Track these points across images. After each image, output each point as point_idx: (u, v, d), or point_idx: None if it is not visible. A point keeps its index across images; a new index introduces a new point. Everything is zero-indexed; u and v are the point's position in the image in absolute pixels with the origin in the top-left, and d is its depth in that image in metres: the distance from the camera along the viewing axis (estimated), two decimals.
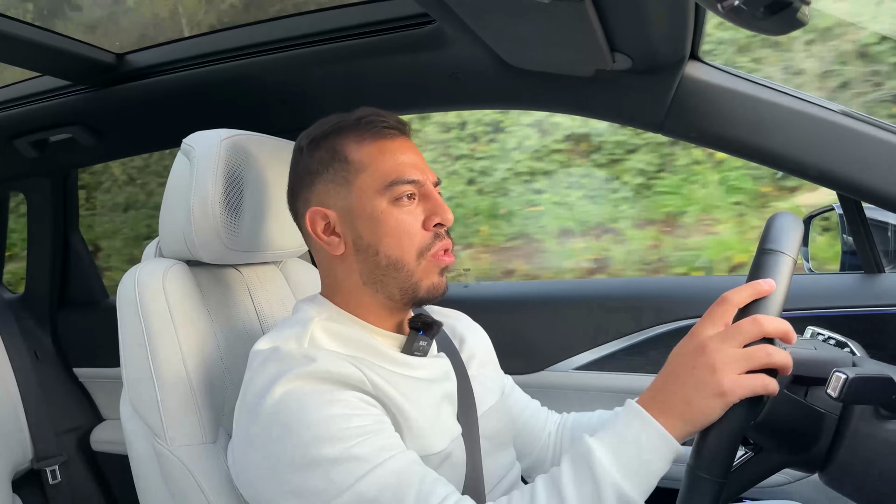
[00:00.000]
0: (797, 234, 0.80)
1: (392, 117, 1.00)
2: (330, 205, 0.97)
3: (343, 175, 0.96)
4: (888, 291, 1.30)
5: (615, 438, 0.77)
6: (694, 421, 0.73)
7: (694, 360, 0.74)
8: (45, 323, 1.96)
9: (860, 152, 1.10)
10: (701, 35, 1.09)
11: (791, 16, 0.57)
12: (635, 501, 0.74)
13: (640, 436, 0.75)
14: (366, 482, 0.77)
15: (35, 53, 1.31)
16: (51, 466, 1.65)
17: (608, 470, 0.74)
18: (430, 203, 0.96)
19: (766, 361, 0.71)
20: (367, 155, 0.96)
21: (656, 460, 0.75)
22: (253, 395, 0.86)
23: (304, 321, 0.95)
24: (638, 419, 0.76)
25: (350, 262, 0.97)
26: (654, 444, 0.75)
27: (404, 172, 0.95)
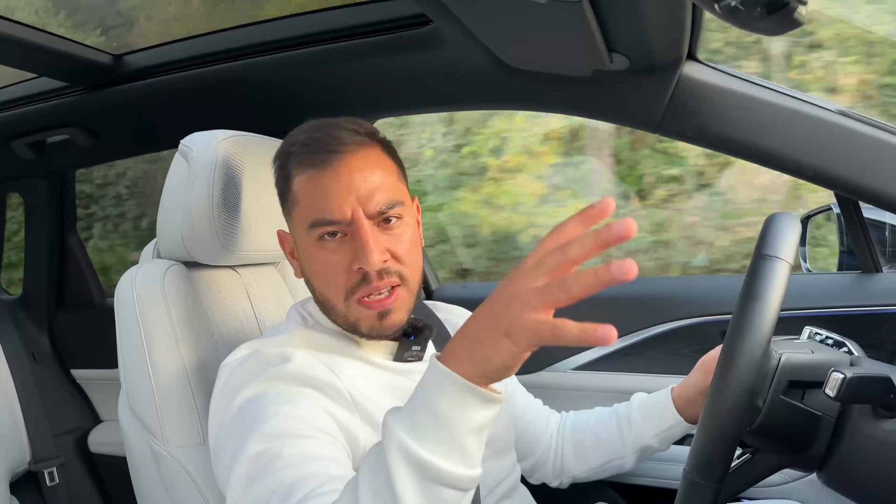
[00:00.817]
0: (794, 235, 0.80)
1: (335, 138, 0.90)
2: (288, 229, 0.98)
3: (288, 205, 0.94)
4: (886, 291, 1.31)
5: (410, 398, 0.64)
6: (481, 363, 0.59)
7: (498, 292, 0.60)
8: (43, 324, 1.96)
9: (857, 152, 1.10)
10: (698, 35, 1.09)
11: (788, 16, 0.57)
12: (424, 458, 0.60)
13: (428, 384, 0.62)
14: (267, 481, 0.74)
15: (32, 55, 1.30)
16: (48, 468, 1.64)
17: (393, 430, 0.62)
18: (355, 242, 0.87)
19: (560, 293, 0.56)
20: (301, 186, 0.91)
21: (447, 406, 0.60)
22: (228, 393, 0.86)
23: (291, 329, 0.96)
24: (430, 368, 0.63)
25: (308, 284, 0.96)
26: (441, 387, 0.60)
27: (323, 211, 0.88)
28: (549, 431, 1.21)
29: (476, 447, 0.62)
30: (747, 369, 0.76)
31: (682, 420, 1.10)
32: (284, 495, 0.70)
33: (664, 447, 1.14)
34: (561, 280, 0.55)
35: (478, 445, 0.63)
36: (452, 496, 0.62)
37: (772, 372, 0.83)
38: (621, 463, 1.15)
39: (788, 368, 0.83)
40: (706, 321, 1.42)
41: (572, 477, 1.20)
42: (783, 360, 0.83)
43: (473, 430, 0.61)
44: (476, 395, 0.60)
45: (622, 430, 1.15)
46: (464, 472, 0.61)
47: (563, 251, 0.56)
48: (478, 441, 0.62)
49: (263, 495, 0.72)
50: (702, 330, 1.42)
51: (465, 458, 0.61)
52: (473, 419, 0.61)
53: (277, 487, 0.71)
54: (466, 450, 0.61)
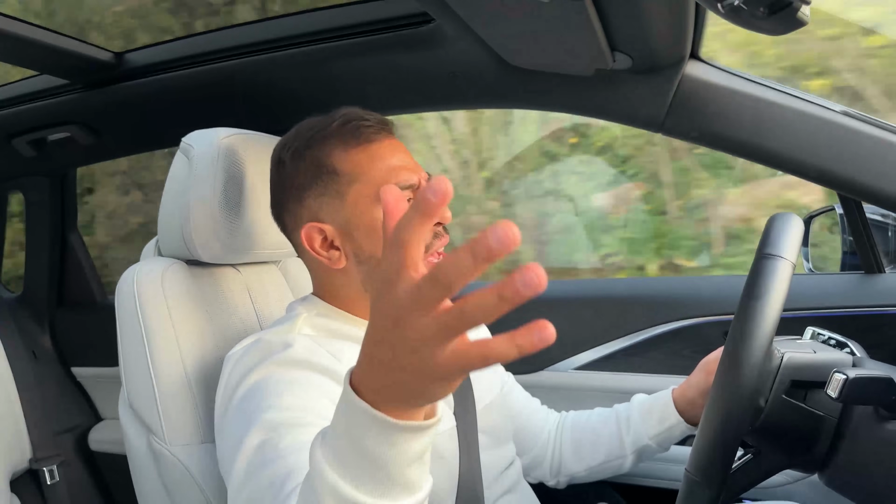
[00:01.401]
0: (797, 235, 0.80)
1: (375, 117, 0.96)
2: (324, 219, 0.94)
3: (335, 188, 0.93)
4: (888, 291, 1.30)
5: (332, 429, 0.55)
6: (408, 402, 0.50)
7: (391, 335, 0.46)
8: (44, 322, 1.96)
9: (860, 152, 1.10)
10: (701, 35, 1.09)
11: (791, 15, 0.57)
12: (358, 501, 0.52)
13: (350, 422, 0.52)
14: (265, 472, 0.73)
15: (33, 52, 1.30)
16: (49, 466, 1.64)
17: (324, 472, 0.53)
18: None
19: (462, 326, 0.44)
20: (356, 164, 0.93)
21: (376, 446, 0.51)
22: (232, 383, 0.87)
23: (293, 318, 0.96)
24: (346, 400, 0.52)
25: (351, 273, 0.96)
26: (365, 427, 0.51)
27: (400, 178, 0.92)
28: (546, 429, 1.21)
29: (418, 474, 0.54)
30: (749, 369, 0.76)
31: (682, 421, 1.09)
32: (280, 487, 0.70)
33: (663, 448, 1.14)
34: (458, 314, 0.43)
35: (420, 471, 0.55)
36: None
37: (774, 371, 0.83)
38: (620, 463, 1.15)
39: (791, 368, 0.83)
40: (708, 321, 1.42)
41: (570, 476, 1.20)
42: (785, 359, 0.83)
43: (411, 461, 0.53)
44: (406, 430, 0.51)
45: (621, 430, 1.14)
46: (409, 500, 0.54)
47: (433, 281, 0.43)
48: (419, 467, 0.54)
49: (262, 486, 0.72)
50: (703, 330, 1.42)
51: (408, 489, 0.54)
52: (409, 452, 0.52)
53: (274, 479, 0.71)
54: (408, 481, 0.53)
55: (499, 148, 2.93)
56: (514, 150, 2.89)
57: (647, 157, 2.73)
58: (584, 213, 2.88)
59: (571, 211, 2.88)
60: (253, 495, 0.73)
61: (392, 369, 0.48)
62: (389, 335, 0.46)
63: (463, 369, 0.46)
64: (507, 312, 0.43)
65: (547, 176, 2.88)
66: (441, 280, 0.42)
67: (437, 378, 0.47)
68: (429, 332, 0.44)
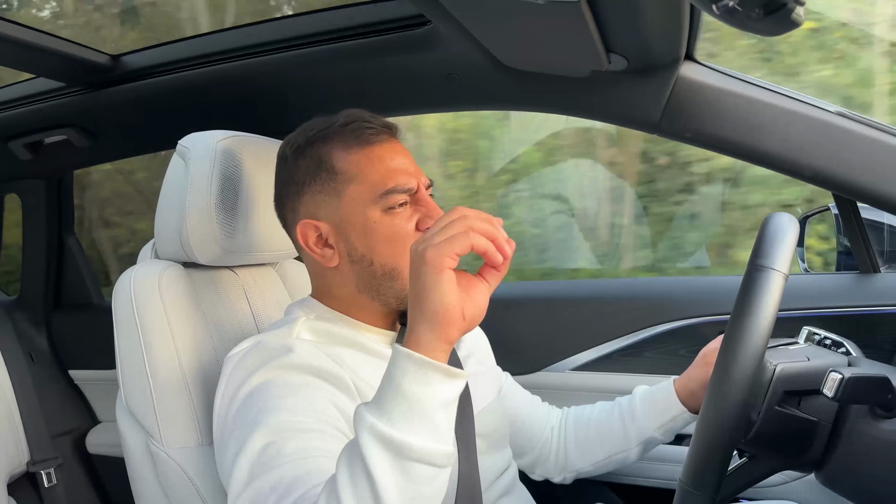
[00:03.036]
0: (791, 240, 0.80)
1: (379, 120, 0.97)
2: (321, 216, 0.95)
3: (332, 186, 0.94)
4: (884, 291, 1.31)
5: (379, 387, 0.68)
6: (425, 310, 0.67)
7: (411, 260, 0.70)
8: (41, 325, 1.96)
9: (855, 153, 1.10)
10: (696, 36, 1.09)
11: (786, 17, 0.57)
12: (395, 437, 0.63)
13: (391, 368, 0.66)
14: (269, 476, 0.74)
15: (29, 55, 1.30)
16: (46, 469, 1.64)
17: (364, 416, 0.65)
18: (424, 207, 0.94)
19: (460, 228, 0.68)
20: (355, 164, 0.94)
21: (411, 385, 0.64)
22: (233, 385, 0.87)
23: (292, 321, 0.96)
24: (392, 353, 0.68)
25: (345, 272, 0.96)
26: (403, 368, 0.65)
27: (398, 181, 0.92)
28: (549, 426, 1.22)
29: (445, 423, 0.66)
30: (741, 384, 0.76)
31: (685, 410, 1.10)
32: (283, 492, 0.70)
33: (668, 438, 1.14)
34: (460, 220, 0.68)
35: (447, 421, 0.66)
36: (428, 472, 0.64)
37: (766, 384, 0.83)
38: (625, 456, 1.15)
39: (784, 379, 0.83)
40: (704, 321, 1.42)
41: (576, 471, 1.20)
42: (778, 371, 0.83)
43: (440, 405, 0.65)
44: (437, 370, 0.64)
45: (625, 423, 1.15)
46: (435, 446, 0.64)
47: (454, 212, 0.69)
48: (446, 416, 0.66)
49: (264, 491, 0.72)
50: (700, 330, 1.42)
51: (435, 434, 0.64)
52: (438, 394, 0.64)
53: (277, 483, 0.71)
54: (435, 425, 0.64)
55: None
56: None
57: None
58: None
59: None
60: (255, 498, 0.73)
61: (414, 296, 0.68)
62: (412, 262, 0.68)
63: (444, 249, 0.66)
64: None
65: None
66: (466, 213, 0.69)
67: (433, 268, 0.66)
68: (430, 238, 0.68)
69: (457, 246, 0.66)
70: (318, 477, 0.71)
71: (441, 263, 0.66)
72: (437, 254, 0.66)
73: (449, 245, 0.66)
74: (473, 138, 2.95)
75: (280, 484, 0.71)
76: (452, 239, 0.66)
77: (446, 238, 0.67)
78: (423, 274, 0.66)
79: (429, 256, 0.66)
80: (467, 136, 2.95)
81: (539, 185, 2.88)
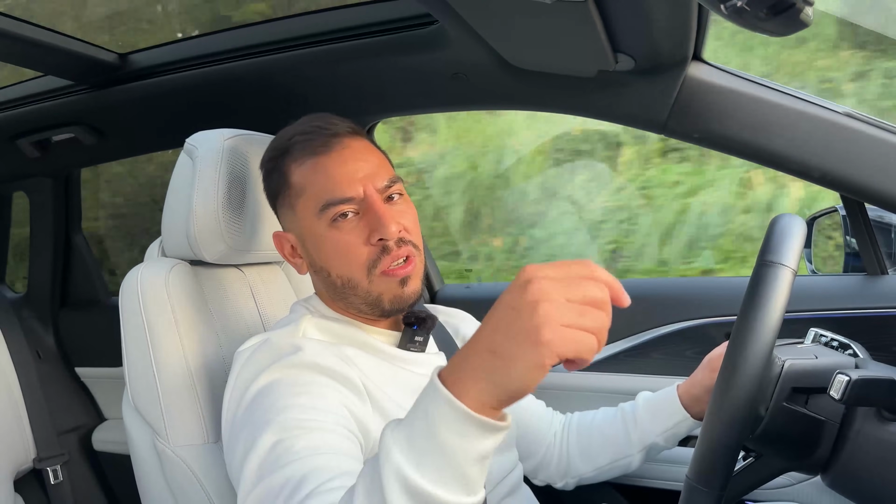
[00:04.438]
0: (799, 239, 0.80)
1: (332, 127, 0.96)
2: (287, 228, 1.00)
3: (289, 199, 0.97)
4: (891, 293, 1.30)
5: (409, 416, 0.60)
6: (497, 382, 0.55)
7: (517, 296, 0.54)
8: (48, 322, 1.97)
9: (863, 154, 1.10)
10: (704, 36, 1.09)
11: (794, 17, 0.56)
12: (422, 488, 0.56)
13: (429, 407, 0.57)
14: (279, 473, 0.73)
15: (37, 53, 1.31)
16: (52, 466, 1.65)
17: (391, 452, 0.57)
18: (371, 217, 0.92)
19: (597, 325, 0.54)
20: (303, 176, 0.95)
21: (448, 435, 0.55)
22: (242, 383, 0.87)
23: (297, 319, 0.97)
24: (430, 388, 0.58)
25: (316, 281, 1.01)
26: (442, 414, 0.56)
27: (336, 191, 0.92)
28: (552, 431, 1.21)
29: (478, 475, 0.58)
30: (749, 380, 0.75)
31: (688, 416, 1.10)
32: (294, 488, 0.70)
33: (671, 445, 1.14)
34: (603, 313, 0.55)
35: (480, 473, 0.58)
36: None
37: (774, 380, 0.83)
38: (628, 462, 1.15)
39: (792, 375, 0.83)
40: (711, 322, 1.42)
41: (578, 477, 1.20)
42: (786, 367, 0.83)
43: (476, 459, 0.57)
44: (480, 425, 0.55)
45: (628, 429, 1.14)
46: (464, 500, 0.58)
47: (600, 288, 0.55)
48: (480, 469, 0.58)
49: (274, 487, 0.72)
50: (706, 331, 1.42)
51: (466, 487, 0.57)
52: (476, 449, 0.56)
53: (288, 480, 0.71)
54: (468, 478, 0.57)
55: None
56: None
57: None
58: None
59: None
60: (265, 495, 0.73)
61: (496, 350, 0.54)
62: (519, 312, 0.53)
63: (573, 344, 0.53)
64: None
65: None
66: (600, 293, 0.55)
67: (540, 349, 0.52)
68: (568, 299, 0.53)
69: (582, 351, 0.53)
70: (328, 473, 0.71)
71: (550, 360, 0.53)
72: (556, 345, 0.52)
73: (573, 344, 0.53)
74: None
75: (290, 481, 0.71)
76: (579, 338, 0.53)
77: (574, 331, 0.53)
78: (523, 346, 0.53)
79: (546, 339, 0.52)
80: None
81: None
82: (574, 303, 0.54)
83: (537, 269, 0.55)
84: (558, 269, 0.55)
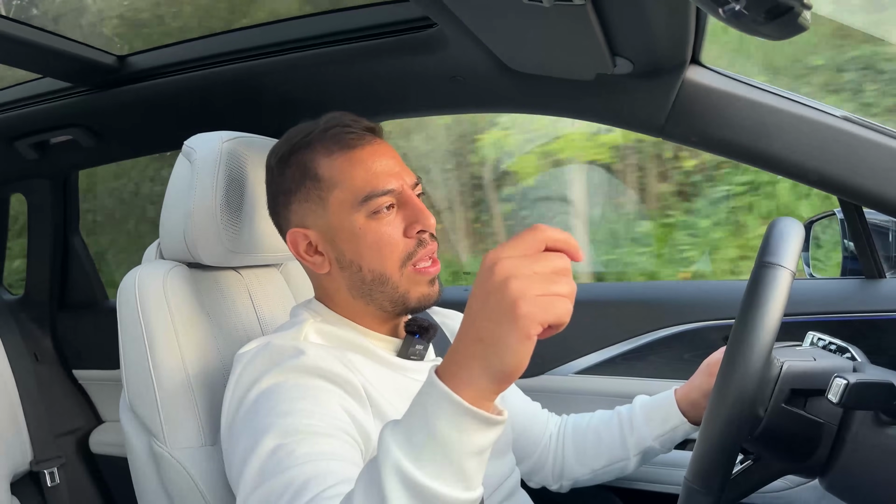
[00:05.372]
0: (797, 242, 0.80)
1: (360, 123, 0.97)
2: (309, 224, 0.96)
3: (317, 193, 0.95)
4: (889, 296, 1.30)
5: (407, 413, 0.61)
6: (488, 366, 0.56)
7: (488, 281, 0.56)
8: (45, 324, 1.96)
9: (861, 157, 1.10)
10: (702, 39, 1.09)
11: (792, 20, 0.56)
12: (421, 482, 0.56)
13: (427, 402, 0.58)
14: (280, 478, 0.74)
15: (36, 55, 1.31)
16: (50, 468, 1.65)
17: (389, 448, 0.58)
18: (410, 210, 0.94)
19: (567, 290, 0.57)
20: (337, 169, 0.94)
21: (447, 429, 0.57)
22: (243, 386, 0.87)
23: (300, 322, 0.96)
24: (428, 384, 0.59)
25: (337, 279, 0.97)
26: (440, 409, 0.57)
27: (378, 184, 0.93)
28: (547, 433, 1.21)
29: (476, 469, 0.59)
30: (748, 379, 0.76)
31: (685, 421, 1.09)
32: (295, 494, 0.70)
33: (667, 449, 1.13)
34: (569, 278, 0.57)
35: (478, 468, 0.59)
36: None
37: (773, 381, 0.83)
38: (623, 465, 1.15)
39: (790, 377, 0.83)
40: (709, 326, 1.42)
41: (573, 479, 1.19)
42: (785, 368, 0.83)
43: (474, 452, 0.58)
44: (477, 418, 0.57)
45: (624, 432, 1.14)
46: (462, 495, 0.58)
47: (559, 257, 0.57)
48: (478, 463, 0.59)
49: (275, 492, 0.72)
50: (704, 334, 1.42)
51: (464, 482, 0.58)
52: (474, 442, 0.57)
53: (289, 485, 0.71)
54: (466, 473, 0.58)
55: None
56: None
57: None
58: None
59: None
60: (266, 500, 0.73)
61: (481, 337, 0.56)
62: (494, 295, 0.55)
63: (549, 310, 0.55)
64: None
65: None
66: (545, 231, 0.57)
67: (519, 323, 0.54)
68: (535, 271, 0.55)
69: (560, 314, 0.56)
70: (330, 479, 0.70)
71: (534, 329, 0.55)
72: (535, 315, 0.54)
73: (552, 309, 0.55)
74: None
75: (291, 486, 0.71)
76: (555, 303, 0.55)
77: (549, 298, 0.55)
78: (505, 324, 0.55)
79: (524, 311, 0.54)
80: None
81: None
82: (540, 273, 0.56)
83: (498, 251, 0.57)
84: (516, 245, 0.57)
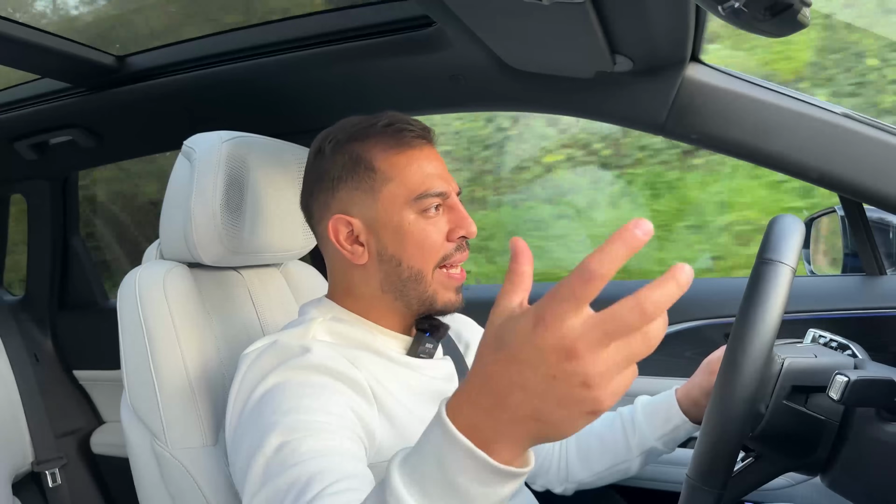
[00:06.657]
0: (798, 238, 0.80)
1: (418, 124, 0.99)
2: (354, 213, 0.96)
3: (369, 184, 0.95)
4: (890, 293, 1.30)
5: (417, 460, 0.54)
6: (546, 437, 0.50)
7: (555, 365, 0.46)
8: (46, 325, 1.96)
9: (861, 154, 1.10)
10: (702, 37, 1.09)
11: (792, 17, 0.57)
12: None
13: (443, 451, 0.51)
14: (285, 476, 0.73)
15: (35, 56, 1.31)
16: (51, 469, 1.65)
17: (401, 497, 0.52)
18: (455, 215, 0.96)
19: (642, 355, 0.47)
20: (394, 165, 0.95)
21: (464, 481, 0.51)
22: (248, 385, 0.87)
23: (307, 321, 0.96)
24: (444, 432, 0.51)
25: (371, 271, 0.97)
26: (458, 461, 0.50)
27: (432, 185, 0.95)
28: None
29: None
30: (750, 376, 0.76)
31: (687, 420, 1.09)
32: (300, 491, 0.70)
33: (669, 449, 1.13)
34: (643, 336, 0.45)
35: None
36: None
37: (774, 377, 0.83)
38: (627, 467, 1.15)
39: (792, 373, 0.83)
40: (709, 324, 1.42)
41: (577, 482, 1.19)
42: (786, 365, 0.83)
43: (498, 502, 0.52)
44: (504, 475, 0.50)
45: (627, 434, 1.14)
46: None
47: (637, 305, 0.43)
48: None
49: (281, 489, 0.72)
50: (705, 333, 1.42)
51: None
52: (497, 494, 0.52)
53: (294, 482, 0.71)
54: None
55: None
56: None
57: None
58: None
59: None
60: (271, 496, 0.73)
61: (539, 417, 0.48)
62: (563, 384, 0.46)
63: (616, 399, 0.46)
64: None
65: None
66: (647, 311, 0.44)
67: (594, 416, 0.47)
68: (613, 366, 0.45)
69: (630, 364, 0.46)
70: (335, 475, 0.70)
71: (604, 408, 0.47)
72: (612, 402, 0.47)
73: (622, 391, 0.47)
74: None
75: (297, 483, 0.71)
76: (627, 384, 0.47)
77: (621, 382, 0.46)
78: (574, 409, 0.47)
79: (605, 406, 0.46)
80: None
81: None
82: (620, 355, 0.45)
83: (579, 337, 0.45)
84: (606, 321, 0.44)
